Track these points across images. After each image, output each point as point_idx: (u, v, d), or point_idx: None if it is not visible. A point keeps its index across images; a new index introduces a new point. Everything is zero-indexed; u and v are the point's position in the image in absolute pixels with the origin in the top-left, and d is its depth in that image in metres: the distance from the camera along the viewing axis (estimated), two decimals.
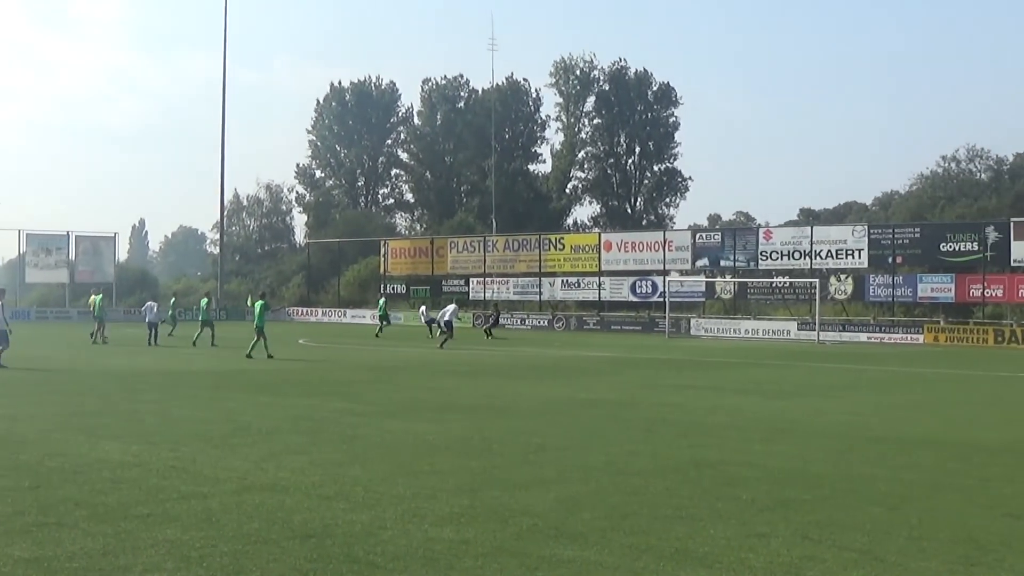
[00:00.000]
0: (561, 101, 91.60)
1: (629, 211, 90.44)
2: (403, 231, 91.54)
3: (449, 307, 39.23)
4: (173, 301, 43.91)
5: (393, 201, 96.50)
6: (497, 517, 8.12)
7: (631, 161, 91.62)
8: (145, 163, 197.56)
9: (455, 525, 7.83)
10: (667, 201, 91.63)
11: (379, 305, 47.20)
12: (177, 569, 6.55)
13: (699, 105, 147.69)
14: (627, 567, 6.76)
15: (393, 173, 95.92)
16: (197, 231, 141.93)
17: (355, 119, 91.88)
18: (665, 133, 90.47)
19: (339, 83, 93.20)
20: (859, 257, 47.02)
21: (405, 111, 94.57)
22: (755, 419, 15.11)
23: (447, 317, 37.88)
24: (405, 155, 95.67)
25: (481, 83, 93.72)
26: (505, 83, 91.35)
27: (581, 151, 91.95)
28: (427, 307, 47.98)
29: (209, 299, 37.47)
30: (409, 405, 16.46)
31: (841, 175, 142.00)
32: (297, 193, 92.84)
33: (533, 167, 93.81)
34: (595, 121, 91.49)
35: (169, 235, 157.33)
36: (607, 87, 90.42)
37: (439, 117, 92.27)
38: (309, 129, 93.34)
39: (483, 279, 58.95)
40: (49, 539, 7.26)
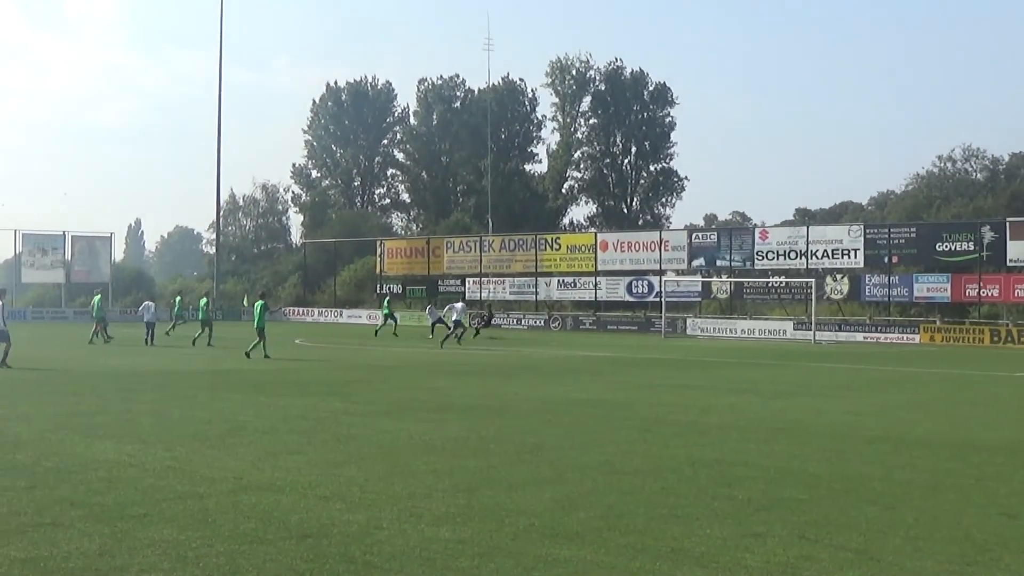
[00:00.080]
0: (557, 101, 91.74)
1: (625, 211, 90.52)
2: (399, 231, 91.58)
3: (457, 305, 39.31)
4: (178, 300, 43.87)
5: (389, 201, 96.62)
6: (494, 517, 8.12)
7: (627, 161, 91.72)
8: (141, 163, 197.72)
9: (452, 525, 7.83)
10: (663, 201, 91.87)
11: (383, 304, 47.38)
12: (173, 569, 6.54)
13: (695, 105, 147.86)
14: (623, 567, 6.76)
15: (389, 173, 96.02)
16: (193, 231, 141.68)
17: (351, 119, 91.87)
18: (661, 133, 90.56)
19: (335, 83, 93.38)
20: (855, 257, 47.07)
21: (401, 111, 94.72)
22: (751, 419, 15.11)
23: (455, 316, 38.04)
24: (401, 155, 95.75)
25: (477, 83, 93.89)
26: (501, 83, 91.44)
27: (577, 151, 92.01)
28: (433, 306, 47.52)
29: (208, 299, 37.46)
30: (406, 405, 16.45)
31: (837, 175, 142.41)
32: (293, 193, 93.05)
33: (529, 167, 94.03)
34: (591, 121, 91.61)
35: (165, 235, 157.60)
36: (603, 87, 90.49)
37: (435, 117, 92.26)
38: (305, 129, 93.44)
39: (479, 279, 58.94)
40: (45, 539, 7.25)
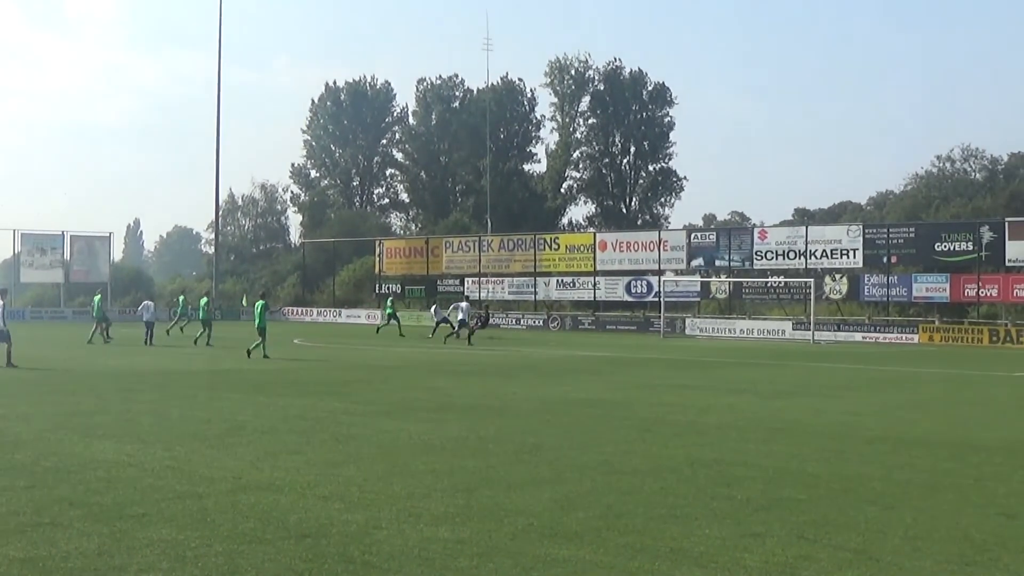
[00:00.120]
0: (556, 101, 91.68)
1: (624, 211, 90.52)
2: (398, 231, 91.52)
3: (462, 304, 39.33)
4: (182, 299, 43.92)
5: (388, 201, 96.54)
6: (492, 517, 8.13)
7: (626, 161, 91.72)
8: (141, 162, 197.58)
9: (450, 525, 7.83)
10: (662, 201, 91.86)
11: (387, 304, 47.45)
12: (172, 569, 6.55)
13: (694, 105, 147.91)
14: (622, 567, 6.76)
15: (388, 173, 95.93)
16: (192, 231, 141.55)
17: (350, 119, 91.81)
18: (660, 133, 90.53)
19: (334, 83, 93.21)
20: (854, 257, 47.06)
21: (400, 111, 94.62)
22: (750, 419, 15.12)
23: (461, 315, 38.10)
24: (400, 155, 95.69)
25: (476, 83, 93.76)
26: (500, 83, 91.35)
27: (576, 151, 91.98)
28: (438, 306, 46.75)
29: (209, 299, 37.53)
30: (405, 405, 16.45)
31: (836, 175, 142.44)
32: (292, 193, 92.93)
33: (528, 167, 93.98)
34: (590, 121, 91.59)
35: (164, 235, 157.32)
36: (602, 87, 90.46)
37: (434, 117, 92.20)
38: (304, 129, 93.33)
39: (478, 279, 58.93)
40: (44, 539, 7.25)
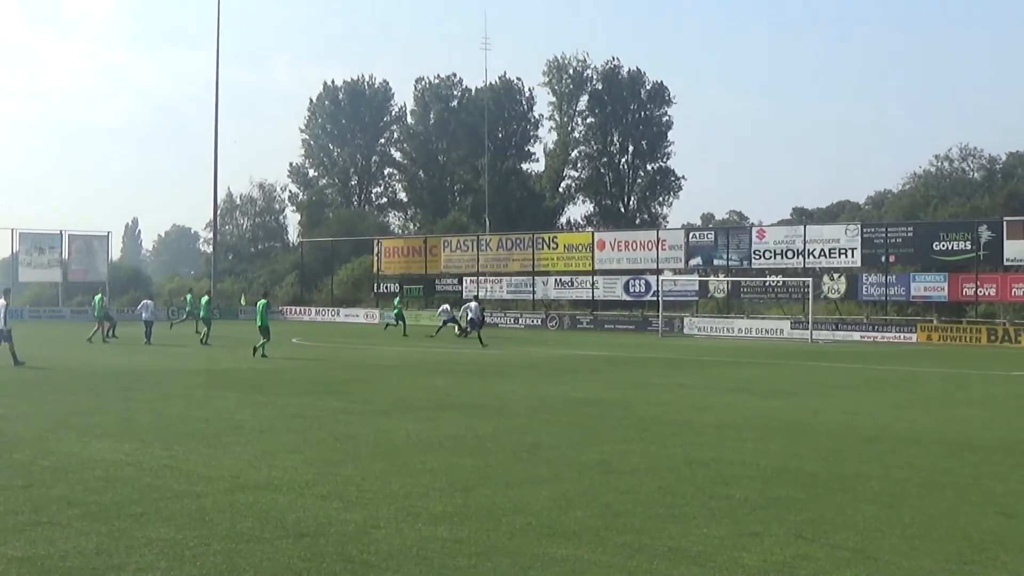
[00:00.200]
0: (554, 100, 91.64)
1: (622, 210, 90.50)
2: (396, 230, 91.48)
3: (471, 304, 39.27)
4: (188, 297, 43.97)
5: (386, 200, 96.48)
6: (491, 516, 8.13)
7: (624, 160, 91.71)
8: (139, 162, 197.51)
9: (449, 524, 7.83)
10: (660, 200, 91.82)
11: (394, 305, 47.58)
12: (170, 568, 6.55)
13: (692, 104, 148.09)
14: (620, 566, 6.76)
15: (386, 172, 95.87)
16: (190, 230, 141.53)
17: (348, 118, 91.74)
18: (658, 132, 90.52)
19: (332, 82, 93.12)
20: (852, 256, 47.06)
21: (398, 110, 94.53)
22: (748, 418, 15.12)
23: (471, 315, 38.13)
24: (398, 154, 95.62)
25: (474, 82, 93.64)
26: (498, 82, 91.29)
27: (574, 150, 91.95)
28: (449, 306, 45.87)
29: (209, 297, 37.57)
30: (403, 404, 16.44)
31: (834, 174, 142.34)
32: (290, 192, 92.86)
33: (526, 166, 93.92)
34: (588, 120, 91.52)
35: (162, 234, 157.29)
36: (600, 86, 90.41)
37: (432, 116, 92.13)
38: (302, 128, 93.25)
39: (476, 278, 58.91)
40: (42, 538, 7.25)
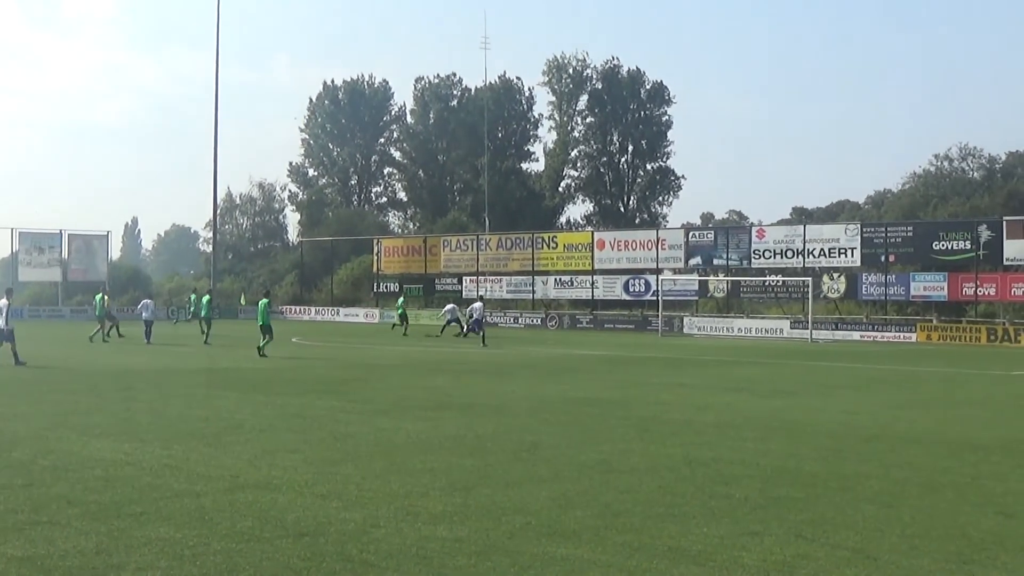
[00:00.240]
0: (554, 100, 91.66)
1: (622, 209, 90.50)
2: (396, 229, 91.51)
3: (476, 305, 39.27)
4: (193, 297, 44.04)
5: (386, 199, 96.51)
6: (490, 515, 8.13)
7: (624, 160, 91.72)
8: (139, 161, 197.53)
9: (448, 523, 7.83)
10: (660, 200, 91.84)
11: (398, 304, 47.73)
12: (170, 567, 6.54)
13: (692, 104, 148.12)
14: (620, 565, 6.76)
15: (386, 171, 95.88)
16: (190, 229, 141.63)
17: (348, 118, 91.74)
18: (658, 132, 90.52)
19: (332, 82, 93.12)
20: (852, 256, 47.07)
21: (398, 109, 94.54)
22: (748, 417, 15.12)
23: (475, 316, 38.11)
24: (398, 153, 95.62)
25: (474, 82, 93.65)
26: (498, 82, 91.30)
27: (574, 149, 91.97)
28: (455, 306, 45.65)
29: (211, 297, 37.61)
30: (402, 403, 16.44)
31: (834, 174, 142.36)
32: (290, 191, 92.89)
33: (526, 166, 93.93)
34: (588, 120, 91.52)
35: (162, 233, 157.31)
36: (600, 86, 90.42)
37: (432, 116, 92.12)
38: (302, 128, 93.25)
39: (476, 278, 58.92)
40: (42, 537, 7.25)
